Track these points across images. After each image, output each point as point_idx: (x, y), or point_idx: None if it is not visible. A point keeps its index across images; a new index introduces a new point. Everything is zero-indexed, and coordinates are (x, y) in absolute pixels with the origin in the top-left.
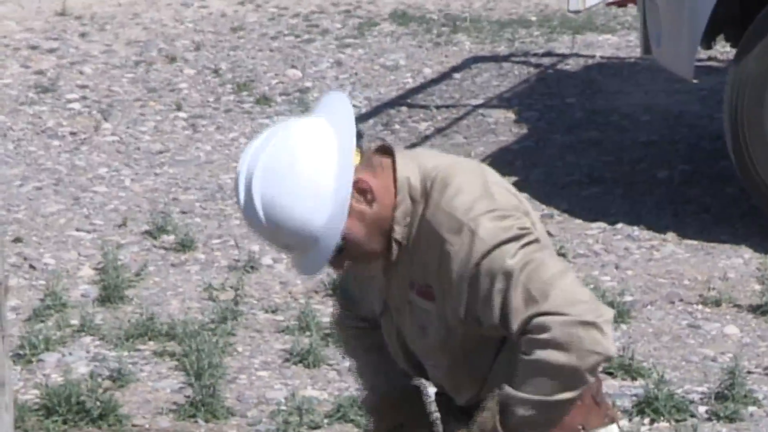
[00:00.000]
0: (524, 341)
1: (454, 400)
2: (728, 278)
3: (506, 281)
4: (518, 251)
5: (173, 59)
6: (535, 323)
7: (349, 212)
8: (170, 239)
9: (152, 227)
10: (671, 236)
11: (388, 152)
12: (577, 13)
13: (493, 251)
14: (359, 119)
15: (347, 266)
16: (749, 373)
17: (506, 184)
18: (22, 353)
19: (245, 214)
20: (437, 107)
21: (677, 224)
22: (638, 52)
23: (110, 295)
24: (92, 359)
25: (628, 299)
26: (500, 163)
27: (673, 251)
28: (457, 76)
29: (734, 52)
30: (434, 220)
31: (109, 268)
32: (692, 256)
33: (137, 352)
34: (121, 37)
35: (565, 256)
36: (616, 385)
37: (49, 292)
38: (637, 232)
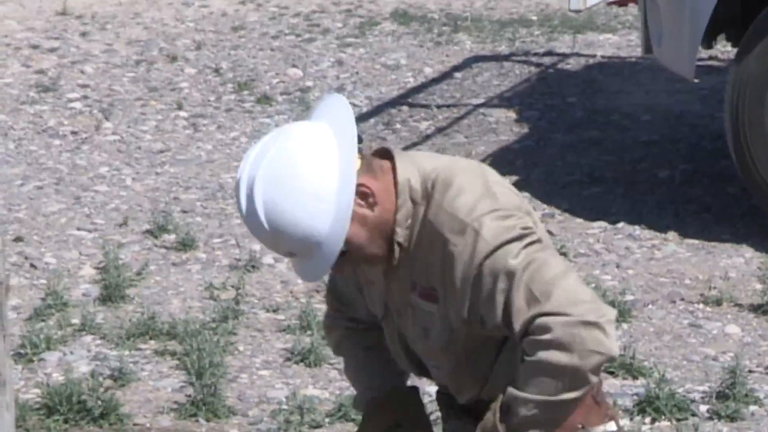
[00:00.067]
0: (527, 342)
1: (455, 398)
2: (729, 277)
3: (509, 281)
4: (521, 251)
5: (174, 58)
6: (537, 324)
7: (351, 216)
8: (171, 238)
9: (153, 226)
10: (672, 235)
11: (386, 155)
12: (578, 12)
13: (496, 251)
14: (360, 118)
15: (349, 270)
16: (750, 372)
17: (506, 183)
18: (23, 352)
19: (248, 220)
20: (438, 106)
21: (678, 223)
22: (639, 51)
23: (111, 294)
24: (93, 358)
25: (629, 298)
26: (501, 162)
27: (674, 250)
28: (458, 75)
29: (735, 51)
30: (436, 221)
31: (110, 267)
32: (693, 255)
33: (138, 351)
34: (122, 36)
35: (566, 255)
36: (617, 384)
37: (50, 291)
38: (638, 231)
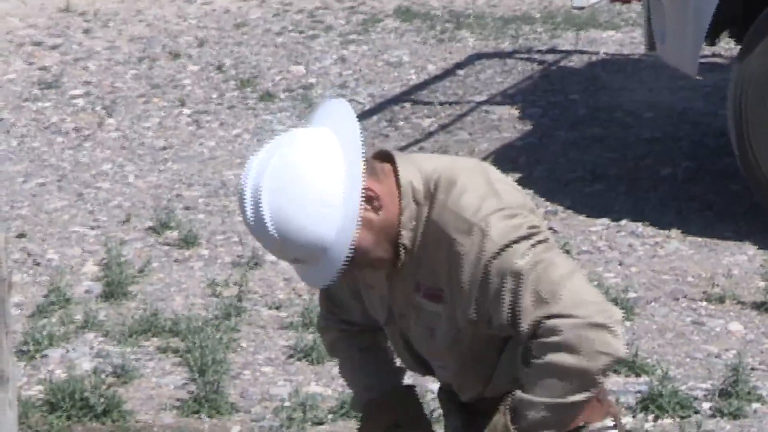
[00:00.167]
0: (535, 344)
1: (455, 395)
2: (732, 275)
3: (516, 281)
4: (528, 251)
5: (177, 55)
6: (545, 326)
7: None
8: (174, 235)
9: (156, 223)
10: (675, 233)
11: (386, 157)
12: (580, 9)
13: (503, 251)
14: (363, 116)
15: (350, 276)
16: (753, 369)
17: (508, 180)
18: (25, 349)
19: (254, 228)
20: (441, 104)
21: (681, 221)
22: (642, 48)
23: (114, 291)
24: (96, 355)
25: (632, 296)
26: (504, 159)
27: (677, 248)
28: (460, 72)
29: (738, 49)
30: (441, 221)
31: (112, 264)
32: (696, 252)
33: (141, 348)
34: (124, 33)
35: (569, 252)
36: (620, 381)
37: (52, 288)
38: (641, 228)
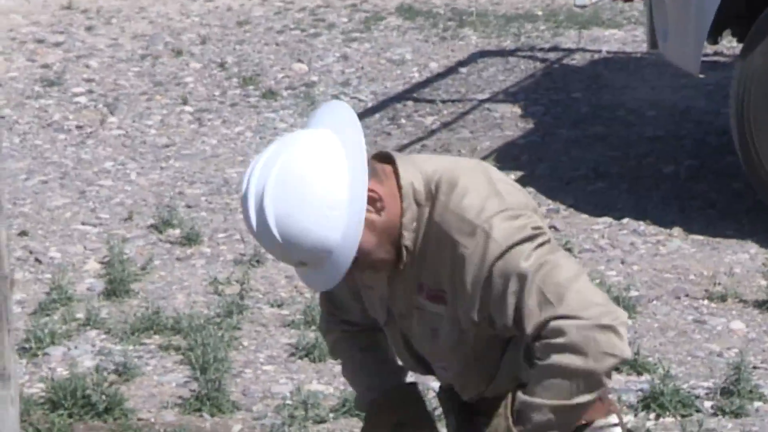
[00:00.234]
0: (540, 346)
1: (456, 395)
2: (734, 273)
3: (520, 283)
4: (532, 253)
5: (179, 53)
6: (551, 327)
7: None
8: (176, 233)
9: (158, 221)
10: (677, 231)
11: (387, 159)
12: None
13: (507, 253)
14: (365, 113)
15: (351, 278)
16: (755, 368)
17: (509, 179)
18: (27, 347)
19: (258, 233)
20: (443, 102)
21: (683, 219)
22: (644, 47)
23: (116, 288)
24: (98, 353)
25: (633, 294)
26: (506, 157)
27: (679, 246)
28: (463, 70)
29: (741, 47)
30: (443, 222)
31: (114, 261)
32: (698, 251)
33: (143, 346)
34: (127, 30)
35: (571, 251)
36: (621, 380)
37: (54, 285)
38: (643, 227)
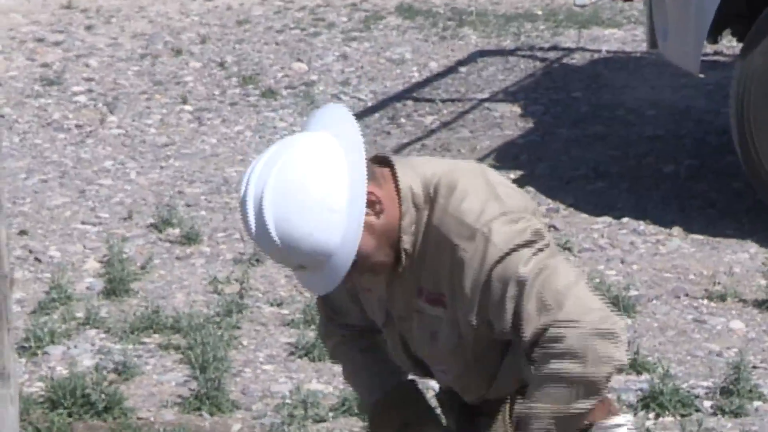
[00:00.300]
0: (538, 352)
1: (456, 396)
2: (734, 273)
3: (519, 289)
4: (531, 258)
5: (179, 52)
6: (549, 334)
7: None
8: (175, 232)
9: (157, 220)
10: (677, 231)
11: (384, 162)
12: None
13: (506, 257)
14: (365, 113)
15: (355, 280)
16: (754, 368)
17: (508, 181)
18: (27, 346)
19: (257, 236)
20: (443, 101)
21: (683, 219)
22: (644, 46)
23: (115, 288)
24: (97, 352)
25: (633, 294)
26: (506, 156)
27: (678, 246)
28: (463, 70)
29: (740, 46)
30: (443, 226)
31: (114, 261)
32: (698, 250)
33: (142, 345)
34: (126, 29)
35: (570, 250)
36: (621, 379)
37: (54, 284)
38: (642, 226)
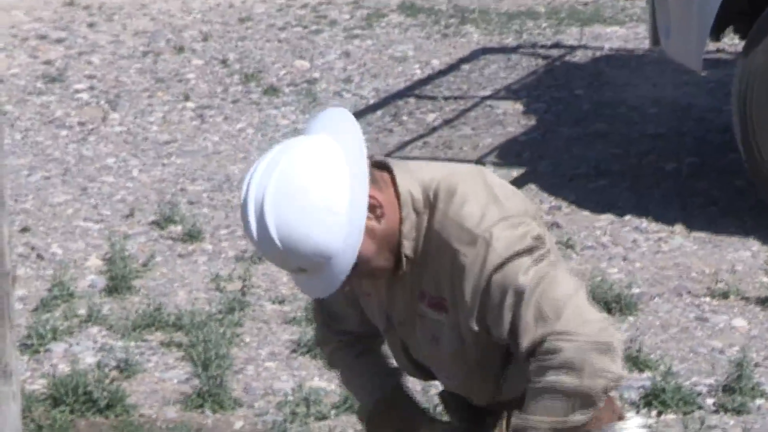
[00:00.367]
0: (535, 364)
1: (457, 397)
2: (736, 271)
3: (518, 298)
4: (531, 267)
5: (181, 50)
6: (547, 346)
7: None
8: (177, 230)
9: (160, 218)
10: (679, 229)
11: (383, 166)
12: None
13: (506, 264)
14: (367, 110)
15: (355, 284)
16: (757, 365)
17: (507, 184)
18: (29, 343)
19: (258, 239)
20: (445, 98)
21: (685, 217)
22: (647, 44)
23: (117, 285)
24: (99, 349)
25: (635, 291)
26: (508, 154)
27: (680, 244)
28: (465, 67)
29: (743, 44)
30: (443, 231)
31: (116, 258)
32: (700, 248)
33: (144, 342)
34: (128, 27)
35: (572, 248)
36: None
37: (56, 282)
38: (644, 224)
